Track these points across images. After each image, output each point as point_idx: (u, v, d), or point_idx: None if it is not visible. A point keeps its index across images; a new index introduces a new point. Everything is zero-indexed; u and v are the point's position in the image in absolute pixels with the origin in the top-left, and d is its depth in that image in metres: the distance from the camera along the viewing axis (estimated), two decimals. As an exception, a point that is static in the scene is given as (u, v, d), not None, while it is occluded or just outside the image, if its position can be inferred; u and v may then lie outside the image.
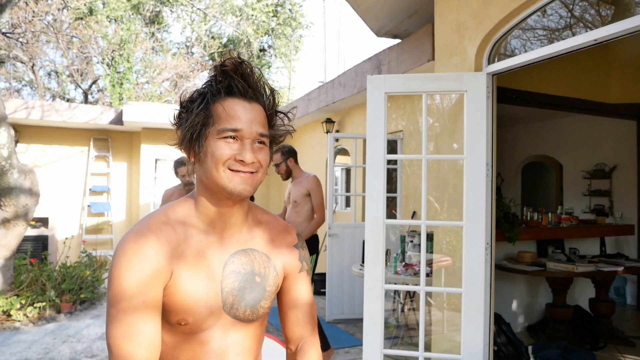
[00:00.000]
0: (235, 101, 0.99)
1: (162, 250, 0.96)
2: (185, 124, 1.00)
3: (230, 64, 0.98)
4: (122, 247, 0.94)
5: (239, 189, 0.97)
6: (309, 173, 3.97)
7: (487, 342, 2.63)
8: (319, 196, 3.82)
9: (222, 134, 0.97)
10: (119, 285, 0.91)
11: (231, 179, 0.97)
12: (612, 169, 5.84)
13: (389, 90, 2.72)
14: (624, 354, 3.84)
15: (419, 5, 4.05)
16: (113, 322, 0.91)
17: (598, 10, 2.63)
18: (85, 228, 8.69)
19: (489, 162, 2.65)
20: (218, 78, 1.00)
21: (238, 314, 1.04)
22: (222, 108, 0.98)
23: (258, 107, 1.01)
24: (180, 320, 0.98)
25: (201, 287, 0.99)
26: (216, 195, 1.01)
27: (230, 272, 1.03)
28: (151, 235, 0.96)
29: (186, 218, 1.03)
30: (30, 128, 8.42)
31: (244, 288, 1.04)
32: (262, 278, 1.08)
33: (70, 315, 5.08)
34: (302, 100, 7.48)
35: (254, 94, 1.01)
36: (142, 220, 1.02)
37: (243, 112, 0.98)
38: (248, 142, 0.98)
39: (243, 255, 1.06)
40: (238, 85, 0.99)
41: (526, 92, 4.44)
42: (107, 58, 12.90)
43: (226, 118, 0.97)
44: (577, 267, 3.80)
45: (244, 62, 1.00)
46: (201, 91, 1.01)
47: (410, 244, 3.98)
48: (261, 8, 14.50)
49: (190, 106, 1.00)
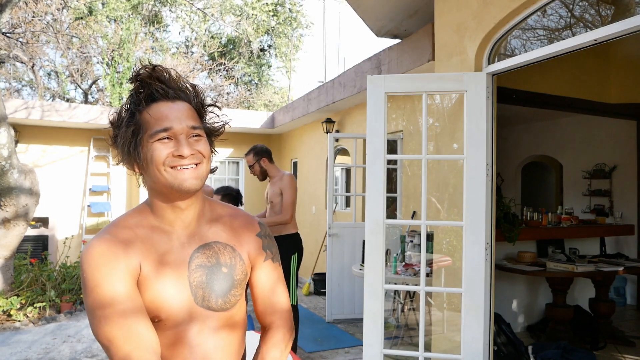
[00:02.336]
0: (160, 104, 1.01)
1: (127, 250, 0.99)
2: (119, 139, 1.03)
3: (144, 72, 1.01)
4: (88, 254, 0.96)
5: (186, 184, 0.99)
6: (284, 172, 3.89)
7: (487, 342, 2.63)
8: (290, 196, 3.70)
9: (155, 137, 0.99)
10: (101, 291, 0.93)
11: (176, 176, 0.99)
12: (612, 169, 5.84)
13: (389, 90, 2.72)
14: (624, 354, 3.84)
15: (419, 5, 4.04)
16: (106, 323, 0.92)
17: (598, 10, 2.63)
18: (85, 228, 8.69)
19: (489, 162, 2.65)
20: (137, 88, 1.02)
21: (210, 305, 1.06)
22: (148, 115, 1.00)
23: (183, 104, 1.03)
24: (153, 318, 1.00)
25: (168, 284, 1.01)
26: (168, 197, 1.03)
27: (196, 266, 1.05)
28: (113, 239, 0.99)
29: (143, 221, 1.06)
30: (30, 128, 8.42)
31: (212, 280, 1.06)
32: (229, 268, 1.09)
33: (70, 315, 5.08)
34: (302, 100, 7.47)
35: (176, 93, 1.03)
36: (101, 230, 1.04)
37: (169, 112, 1.00)
38: (182, 137, 1.00)
39: (207, 249, 1.08)
40: (158, 89, 1.01)
41: (526, 92, 4.44)
42: (107, 58, 12.90)
43: (155, 122, 0.99)
44: (577, 267, 3.80)
45: (157, 66, 1.02)
46: (126, 106, 1.04)
47: (410, 244, 3.98)
48: (261, 7, 14.50)
49: (119, 123, 1.03)
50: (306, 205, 7.74)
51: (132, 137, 1.00)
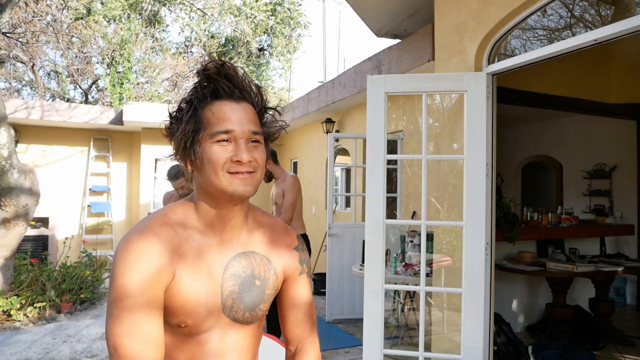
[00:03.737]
0: (223, 103, 0.98)
1: (164, 250, 0.96)
2: (177, 133, 1.00)
3: (212, 67, 0.98)
4: (124, 247, 0.94)
5: (239, 190, 0.97)
6: (288, 173, 3.88)
7: (487, 342, 2.63)
8: (291, 198, 3.70)
9: (215, 137, 0.96)
10: (123, 284, 0.91)
11: (231, 181, 0.97)
12: (612, 169, 5.84)
13: (389, 90, 2.72)
14: (624, 354, 3.84)
15: (419, 5, 4.04)
16: (116, 320, 0.90)
17: (598, 10, 2.63)
18: (85, 228, 8.69)
19: (489, 162, 2.65)
20: (203, 83, 1.00)
21: (237, 317, 1.04)
22: (210, 112, 0.97)
23: (247, 106, 1.01)
24: (180, 323, 0.99)
25: (201, 289, 0.99)
26: (217, 199, 1.01)
27: (230, 275, 1.03)
28: (153, 236, 0.96)
29: (186, 220, 1.03)
30: (30, 128, 8.42)
31: (243, 291, 1.04)
32: (262, 281, 1.08)
33: (70, 315, 5.08)
34: (302, 100, 7.47)
35: (241, 93, 1.01)
36: (141, 221, 1.02)
37: (233, 113, 0.98)
38: (242, 141, 0.97)
39: (243, 258, 1.06)
40: (224, 87, 0.99)
41: (526, 92, 4.44)
42: (107, 58, 12.90)
43: (216, 121, 0.97)
44: (577, 267, 3.80)
45: (226, 63, 1.00)
46: (188, 99, 1.01)
47: (410, 244, 3.98)
48: (259, 7, 14.50)
49: (179, 115, 1.00)
50: (306, 205, 7.74)
51: (191, 133, 0.98)
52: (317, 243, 6.92)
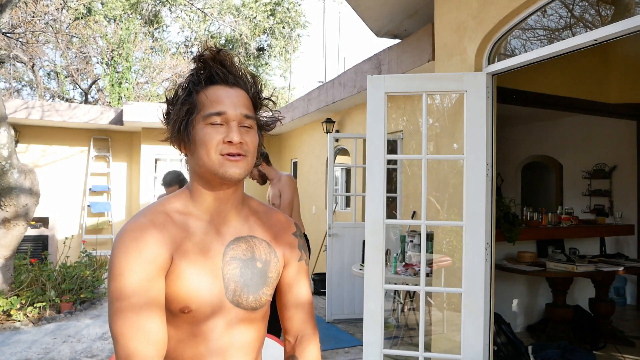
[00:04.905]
0: (218, 87, 1.02)
1: (161, 237, 0.97)
2: (172, 115, 1.03)
3: (208, 53, 1.02)
4: (121, 238, 0.95)
5: (230, 172, 0.99)
6: (282, 173, 3.88)
7: (487, 342, 2.63)
8: (288, 196, 3.71)
9: (208, 119, 0.99)
10: (122, 280, 0.92)
11: (222, 163, 0.99)
12: (612, 169, 5.84)
13: (389, 90, 2.72)
14: (624, 354, 3.84)
15: (419, 6, 4.04)
16: (118, 317, 0.91)
17: (598, 10, 2.63)
18: (85, 228, 8.69)
19: (489, 162, 2.65)
20: (198, 69, 1.03)
21: (241, 302, 1.04)
22: (205, 96, 1.01)
23: (241, 91, 1.04)
24: (183, 308, 0.98)
25: (202, 273, 1.00)
26: (210, 183, 1.03)
27: (230, 258, 1.04)
28: (149, 224, 0.98)
29: (183, 207, 1.05)
30: (30, 128, 8.42)
31: (245, 274, 1.05)
32: (264, 264, 1.08)
33: (70, 315, 5.08)
34: (302, 100, 7.47)
35: (235, 79, 1.04)
36: (139, 212, 1.03)
37: (226, 96, 1.01)
38: (234, 124, 1.00)
39: (242, 242, 1.07)
40: (219, 73, 1.02)
41: (526, 92, 4.44)
42: (106, 58, 12.90)
43: (210, 104, 1.00)
44: (577, 267, 3.80)
45: (222, 50, 1.03)
46: (184, 84, 1.04)
47: (410, 244, 3.98)
48: (258, 7, 14.50)
49: (175, 100, 1.03)
50: (306, 205, 7.74)
51: (185, 115, 1.01)
52: (317, 243, 6.92)
